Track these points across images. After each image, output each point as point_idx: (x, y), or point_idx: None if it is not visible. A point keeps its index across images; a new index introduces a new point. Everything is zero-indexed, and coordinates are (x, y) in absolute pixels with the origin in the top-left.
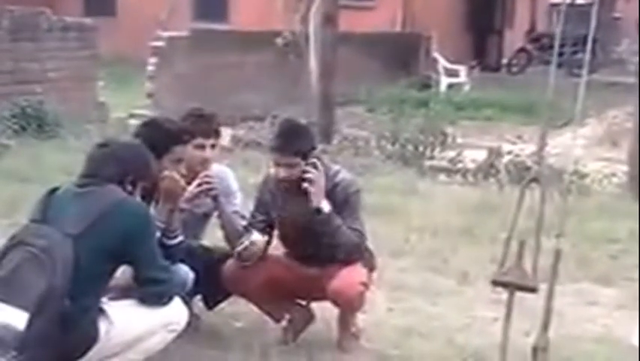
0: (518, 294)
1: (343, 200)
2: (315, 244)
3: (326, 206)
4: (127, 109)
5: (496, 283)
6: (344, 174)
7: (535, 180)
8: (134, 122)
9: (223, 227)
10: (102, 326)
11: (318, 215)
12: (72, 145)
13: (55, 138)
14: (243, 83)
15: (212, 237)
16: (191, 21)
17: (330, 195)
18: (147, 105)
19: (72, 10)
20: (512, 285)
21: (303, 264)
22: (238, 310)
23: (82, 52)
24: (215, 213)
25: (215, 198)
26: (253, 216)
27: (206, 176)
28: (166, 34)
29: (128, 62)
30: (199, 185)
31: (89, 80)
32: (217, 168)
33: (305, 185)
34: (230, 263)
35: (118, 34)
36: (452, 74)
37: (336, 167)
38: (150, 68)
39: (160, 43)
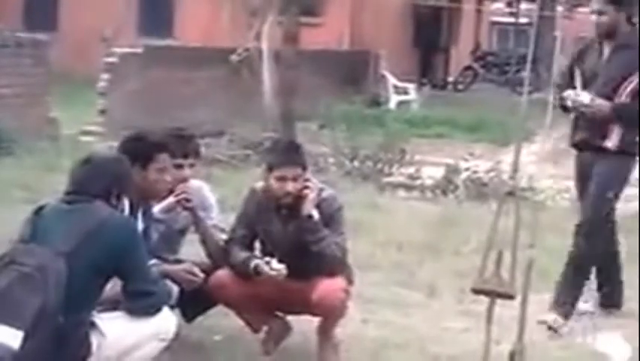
0: (486, 305)
1: (328, 216)
2: (301, 256)
3: (315, 214)
4: (77, 125)
5: (476, 291)
6: (328, 191)
7: (511, 193)
8: (86, 139)
9: (203, 241)
10: (94, 339)
11: (308, 221)
12: (27, 162)
13: (11, 155)
14: (196, 100)
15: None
16: (136, 37)
17: (317, 210)
18: (99, 122)
19: (11, 25)
20: (492, 292)
21: (287, 277)
22: (216, 324)
23: (35, 68)
24: (192, 229)
25: (191, 210)
26: (234, 230)
27: (183, 187)
28: (119, 50)
29: (72, 77)
30: (175, 196)
31: (42, 96)
32: (194, 183)
33: (306, 191)
34: (219, 273)
35: (60, 49)
36: (401, 92)
37: (319, 184)
38: (102, 84)
39: (112, 59)
